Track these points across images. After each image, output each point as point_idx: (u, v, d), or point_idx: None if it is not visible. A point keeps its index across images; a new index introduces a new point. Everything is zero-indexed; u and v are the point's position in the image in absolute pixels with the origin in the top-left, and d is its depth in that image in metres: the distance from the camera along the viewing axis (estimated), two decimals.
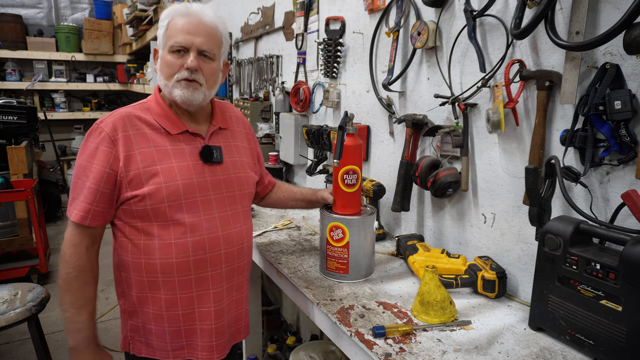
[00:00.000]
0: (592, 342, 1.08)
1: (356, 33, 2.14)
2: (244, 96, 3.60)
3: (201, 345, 1.36)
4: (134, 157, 1.25)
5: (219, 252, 1.34)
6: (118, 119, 1.28)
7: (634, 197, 1.02)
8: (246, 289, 1.50)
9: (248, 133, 1.57)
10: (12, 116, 4.22)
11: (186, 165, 1.30)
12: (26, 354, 3.01)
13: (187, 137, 1.34)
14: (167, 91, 1.31)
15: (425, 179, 1.63)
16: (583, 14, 1.16)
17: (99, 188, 1.23)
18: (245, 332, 1.52)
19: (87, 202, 1.24)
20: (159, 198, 1.25)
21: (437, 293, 1.26)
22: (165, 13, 1.32)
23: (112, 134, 1.25)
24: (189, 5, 1.32)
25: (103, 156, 1.23)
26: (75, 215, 1.24)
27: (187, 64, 1.27)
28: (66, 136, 7.56)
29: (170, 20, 1.30)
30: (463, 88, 1.58)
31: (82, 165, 1.26)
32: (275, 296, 3.41)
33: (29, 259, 4.04)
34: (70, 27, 7.16)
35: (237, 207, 1.41)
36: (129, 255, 1.31)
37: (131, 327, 1.37)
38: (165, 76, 1.30)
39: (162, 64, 1.31)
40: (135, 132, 1.28)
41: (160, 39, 1.33)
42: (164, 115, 1.33)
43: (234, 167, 1.42)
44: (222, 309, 1.39)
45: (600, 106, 1.14)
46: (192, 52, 1.28)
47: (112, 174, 1.24)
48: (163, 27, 1.32)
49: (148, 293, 1.32)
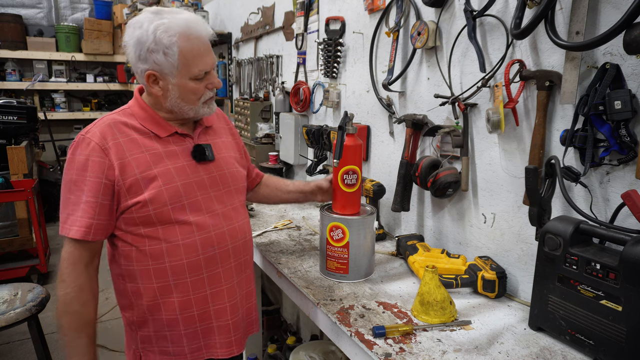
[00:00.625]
0: (592, 342, 1.08)
1: (356, 33, 2.14)
2: (244, 96, 3.60)
3: (219, 342, 1.35)
4: (128, 164, 1.22)
5: (226, 247, 1.34)
6: (105, 126, 1.24)
7: (634, 197, 1.02)
8: (253, 282, 1.51)
9: (231, 128, 1.57)
10: (12, 116, 4.22)
11: (181, 165, 1.29)
12: (26, 354, 3.01)
13: (177, 138, 1.32)
14: (187, 112, 1.29)
15: (425, 179, 1.63)
16: (583, 14, 1.16)
17: (97, 200, 1.19)
18: (257, 326, 1.52)
19: (87, 216, 1.19)
20: (162, 201, 1.23)
21: (437, 293, 1.26)
22: (166, 37, 1.18)
23: (101, 142, 1.20)
24: (191, 24, 1.22)
25: (96, 167, 1.19)
26: (77, 232, 1.19)
27: (214, 85, 1.29)
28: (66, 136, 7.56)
29: (181, 46, 1.19)
30: (463, 88, 1.58)
31: (72, 179, 1.20)
32: (275, 296, 3.41)
33: (29, 259, 4.04)
34: (70, 27, 7.15)
35: (235, 202, 1.41)
36: (134, 264, 1.27)
37: (142, 338, 1.32)
38: (189, 102, 1.27)
39: (184, 91, 1.25)
40: (125, 138, 1.24)
41: (171, 66, 1.21)
42: (150, 119, 1.30)
43: (225, 164, 1.41)
44: (236, 304, 1.39)
45: (600, 106, 1.13)
46: (212, 71, 1.28)
47: (109, 184, 1.20)
48: (173, 54, 1.19)
49: (160, 299, 1.28)
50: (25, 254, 4.11)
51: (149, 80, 1.25)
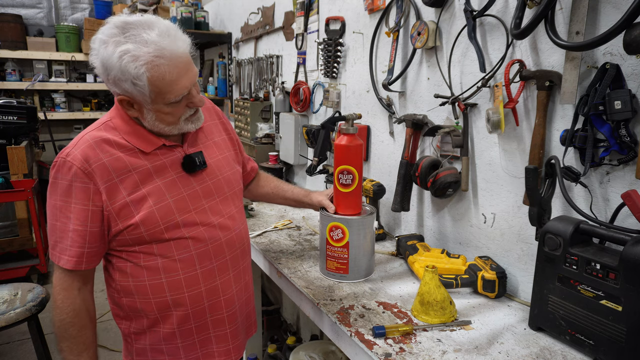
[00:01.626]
0: (592, 342, 1.08)
1: (356, 33, 2.14)
2: (244, 96, 3.60)
3: (217, 351, 1.34)
4: (115, 186, 1.15)
5: (224, 258, 1.31)
6: (86, 148, 1.15)
7: (634, 197, 1.02)
8: (252, 286, 1.49)
9: (223, 122, 1.49)
10: (12, 116, 4.22)
11: (171, 180, 1.23)
12: (26, 354, 3.01)
13: (165, 150, 1.25)
14: (174, 131, 1.22)
15: (425, 179, 1.63)
16: (583, 14, 1.16)
17: (86, 229, 1.14)
18: (255, 327, 1.52)
19: (77, 246, 1.15)
20: (154, 222, 1.18)
21: (437, 293, 1.26)
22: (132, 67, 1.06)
23: (84, 166, 1.13)
24: (157, 43, 1.07)
25: (81, 193, 1.13)
26: (67, 262, 1.15)
27: (194, 104, 1.20)
28: (66, 136, 7.55)
29: (148, 76, 1.08)
30: (463, 88, 1.58)
31: (56, 205, 1.15)
32: (275, 296, 3.41)
33: (29, 259, 4.04)
34: (70, 27, 7.15)
35: (232, 208, 1.37)
36: (129, 279, 1.23)
37: (137, 351, 1.30)
38: (168, 123, 1.20)
39: (161, 115, 1.17)
40: (109, 158, 1.16)
41: (141, 95, 1.11)
42: (134, 134, 1.21)
43: (219, 168, 1.36)
44: (235, 312, 1.36)
45: (600, 106, 1.14)
46: (193, 89, 1.19)
47: (96, 210, 1.15)
48: (143, 86, 1.09)
49: (158, 314, 1.25)
50: (25, 254, 4.11)
51: (123, 104, 1.17)
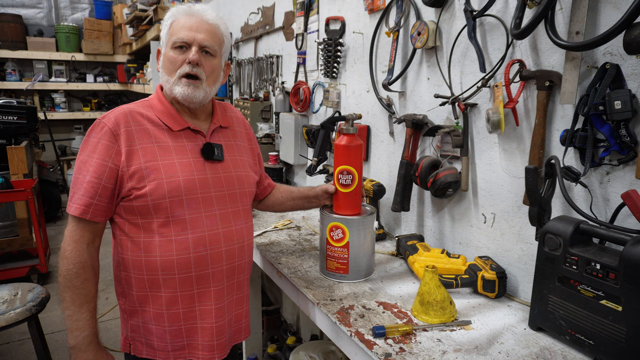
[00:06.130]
0: (592, 342, 1.08)
1: (356, 33, 2.14)
2: (244, 96, 3.60)
3: (202, 344, 1.36)
4: (135, 152, 1.26)
5: (219, 249, 1.35)
6: (120, 114, 1.30)
7: (634, 197, 1.02)
8: (247, 289, 1.50)
9: (249, 134, 1.59)
10: (12, 116, 4.23)
11: (187, 161, 1.32)
12: (26, 354, 3.01)
13: (189, 134, 1.36)
14: (169, 88, 1.33)
15: (425, 179, 1.63)
16: (583, 14, 1.16)
17: (100, 182, 1.24)
18: (246, 333, 1.52)
19: (88, 196, 1.24)
20: (160, 194, 1.26)
21: (437, 293, 1.26)
22: (169, 14, 1.37)
23: (114, 128, 1.26)
24: (192, 5, 1.36)
25: (104, 150, 1.25)
26: (76, 209, 1.24)
27: (189, 58, 1.30)
28: (66, 136, 7.57)
29: (174, 20, 1.34)
30: (463, 88, 1.58)
31: (83, 160, 1.26)
32: (275, 296, 3.41)
33: (29, 259, 4.05)
34: (70, 27, 7.16)
35: (238, 205, 1.42)
36: (128, 253, 1.31)
37: (131, 327, 1.36)
38: (167, 72, 1.33)
39: (165, 60, 1.34)
40: (138, 127, 1.30)
41: (163, 38, 1.36)
42: (166, 112, 1.35)
43: (234, 166, 1.43)
44: (223, 307, 1.39)
45: (600, 106, 1.14)
46: (194, 46, 1.31)
47: (114, 168, 1.25)
48: (166, 27, 1.35)
49: (148, 292, 1.32)
50: (25, 254, 4.11)
51: (157, 56, 1.40)
